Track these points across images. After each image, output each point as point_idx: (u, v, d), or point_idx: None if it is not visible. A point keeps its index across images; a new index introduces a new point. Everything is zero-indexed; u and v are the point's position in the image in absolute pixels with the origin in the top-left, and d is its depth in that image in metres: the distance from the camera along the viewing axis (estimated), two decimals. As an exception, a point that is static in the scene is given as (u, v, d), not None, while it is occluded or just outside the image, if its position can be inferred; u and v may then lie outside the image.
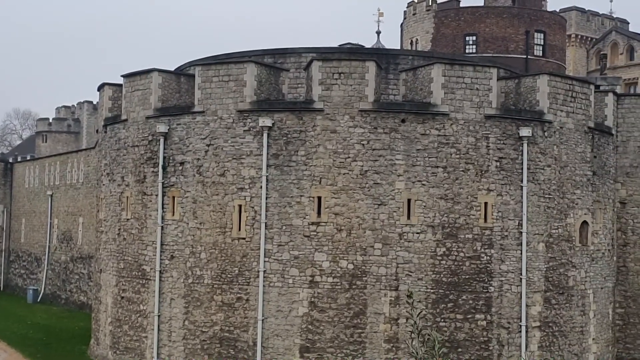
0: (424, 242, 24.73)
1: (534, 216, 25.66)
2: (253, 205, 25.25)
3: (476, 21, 51.06)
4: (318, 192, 24.77)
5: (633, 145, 30.36)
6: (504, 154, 25.43)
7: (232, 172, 25.57)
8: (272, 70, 26.57)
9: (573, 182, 26.78)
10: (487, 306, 24.96)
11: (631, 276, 30.30)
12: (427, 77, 25.31)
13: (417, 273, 24.63)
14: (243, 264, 25.32)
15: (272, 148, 25.15)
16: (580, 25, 67.27)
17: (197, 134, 26.19)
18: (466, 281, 24.87)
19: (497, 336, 25.00)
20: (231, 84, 25.69)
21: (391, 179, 24.75)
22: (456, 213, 24.92)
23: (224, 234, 25.55)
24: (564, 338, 26.18)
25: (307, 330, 24.65)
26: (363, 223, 24.61)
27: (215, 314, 25.56)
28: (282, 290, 24.86)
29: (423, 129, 24.91)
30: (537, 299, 25.62)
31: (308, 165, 24.88)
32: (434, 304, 24.66)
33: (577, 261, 26.79)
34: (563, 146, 26.47)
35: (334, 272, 24.61)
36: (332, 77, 24.84)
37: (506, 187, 25.39)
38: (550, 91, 26.16)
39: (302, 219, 24.80)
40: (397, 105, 25.52)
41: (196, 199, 26.10)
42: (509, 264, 25.30)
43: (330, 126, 24.82)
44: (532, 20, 51.44)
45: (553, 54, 52.23)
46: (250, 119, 25.43)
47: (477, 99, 25.17)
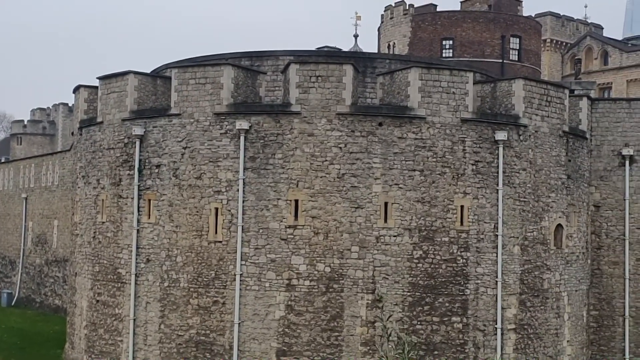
0: (401, 245, 24.81)
1: (509, 219, 25.85)
2: (230, 209, 25.17)
3: (453, 25, 51.42)
4: (295, 195, 24.76)
5: (607, 149, 30.71)
6: (480, 158, 25.60)
7: (209, 175, 25.48)
8: (249, 72, 26.53)
9: (548, 186, 27.01)
10: (463, 309, 25.09)
11: (605, 279, 30.62)
12: (404, 81, 25.42)
13: (393, 276, 24.70)
14: (219, 268, 25.23)
15: (249, 151, 25.11)
16: (555, 30, 67.96)
17: (173, 136, 26.07)
18: (442, 284, 24.98)
19: (473, 339, 25.14)
20: (208, 86, 25.61)
21: (368, 182, 24.81)
22: (433, 216, 25.04)
23: (200, 237, 25.44)
24: (539, 340, 26.38)
25: (284, 333, 24.62)
26: (340, 226, 24.64)
27: (191, 318, 25.43)
28: (259, 294, 24.80)
29: (400, 132, 25.01)
30: (513, 302, 25.81)
31: (285, 168, 24.87)
32: (410, 307, 24.75)
33: (551, 264, 27.03)
34: (538, 150, 26.71)
35: (311, 275, 24.61)
36: (310, 80, 24.86)
37: (482, 191, 25.56)
38: (526, 95, 26.38)
39: (279, 222, 24.78)
40: (375, 109, 25.60)
41: (172, 202, 25.97)
42: (485, 266, 25.46)
43: (308, 129, 24.83)
44: (508, 25, 51.91)
45: (528, 59, 52.74)
46: (227, 122, 25.36)
47: (454, 102, 25.32)
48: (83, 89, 30.41)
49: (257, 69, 27.29)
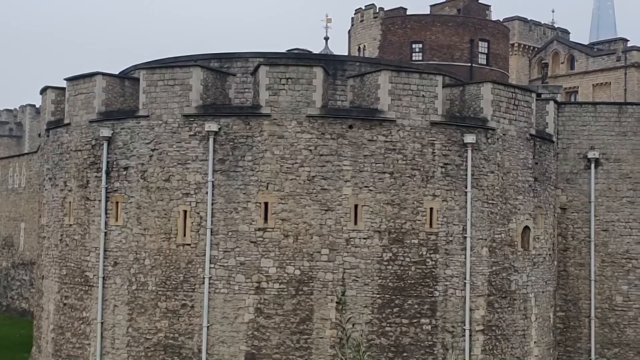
0: (371, 248, 24.88)
1: (477, 221, 26.07)
2: (198, 211, 25.04)
3: (422, 29, 51.76)
4: (265, 197, 24.70)
5: (573, 152, 31.13)
6: (449, 160, 25.78)
7: (177, 178, 25.32)
8: (219, 74, 26.44)
9: (515, 188, 27.29)
10: (432, 310, 25.23)
11: (571, 280, 31.02)
12: (374, 84, 25.52)
13: (363, 278, 24.76)
14: (188, 271, 25.08)
15: (218, 153, 25.00)
16: (523, 35, 68.73)
17: (141, 138, 25.87)
18: (412, 286, 25.10)
19: (441, 340, 25.29)
20: (177, 88, 25.47)
21: (338, 185, 24.85)
22: (402, 218, 25.16)
23: (169, 240, 25.27)
24: (506, 341, 26.63)
25: (253, 336, 24.54)
26: (310, 229, 24.64)
27: (159, 321, 25.24)
28: (228, 297, 24.70)
29: (370, 135, 25.09)
30: (481, 303, 26.02)
31: (255, 170, 24.81)
32: (379, 309, 24.82)
33: (519, 265, 27.30)
34: (506, 153, 26.97)
35: (281, 278, 24.57)
36: (280, 83, 24.84)
37: (451, 193, 25.74)
38: (494, 99, 26.63)
39: (249, 225, 24.70)
40: (345, 111, 25.65)
41: (140, 204, 25.76)
42: (454, 268, 25.63)
43: (278, 131, 24.80)
44: (476, 29, 52.38)
45: (497, 63, 53.26)
46: (196, 124, 25.24)
47: (423, 105, 25.48)
48: (50, 90, 30.06)
49: (226, 71, 27.19)
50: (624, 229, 31.01)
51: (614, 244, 31.01)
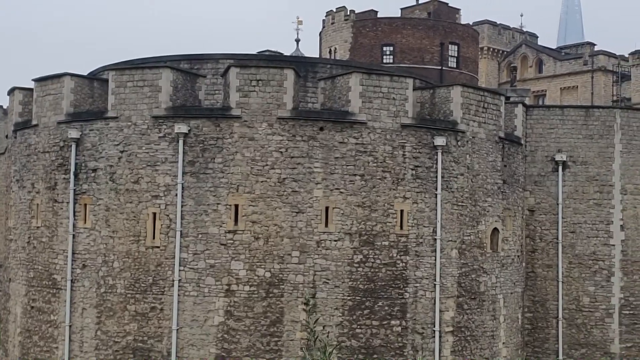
0: (342, 250, 24.92)
1: (447, 223, 26.24)
2: (168, 213, 24.88)
3: (393, 32, 52.01)
4: (235, 200, 24.62)
5: (541, 155, 31.49)
6: (419, 163, 25.92)
7: (147, 180, 25.13)
8: (189, 76, 26.30)
9: (484, 190, 27.53)
10: (402, 312, 25.34)
11: (539, 281, 31.36)
12: (345, 86, 25.58)
13: (334, 280, 24.79)
14: (157, 273, 24.90)
15: (188, 155, 24.87)
16: (492, 39, 69.40)
17: (110, 140, 25.64)
18: (382, 288, 25.19)
19: (411, 342, 25.41)
20: (146, 89, 25.28)
21: (309, 187, 24.85)
22: (373, 220, 25.24)
23: (138, 243, 25.06)
24: (475, 342, 26.84)
25: (223, 339, 24.43)
26: (281, 231, 24.61)
27: (128, 324, 25.03)
28: (198, 300, 24.57)
29: (341, 137, 25.13)
30: (450, 305, 26.19)
31: (225, 172, 24.71)
32: (350, 311, 24.86)
33: (488, 267, 27.54)
34: (475, 155, 27.20)
35: (251, 280, 24.50)
36: (250, 84, 24.78)
37: (421, 195, 25.88)
38: (464, 102, 26.84)
39: (219, 227, 24.60)
40: (316, 114, 25.67)
41: (109, 206, 25.52)
42: (424, 270, 25.78)
43: (248, 133, 24.74)
44: (446, 33, 52.77)
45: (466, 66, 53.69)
46: (166, 125, 25.08)
47: (394, 108, 25.59)
48: (18, 91, 29.68)
49: (196, 72, 27.07)
50: (591, 230, 31.44)
51: (581, 246, 31.41)
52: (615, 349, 31.29)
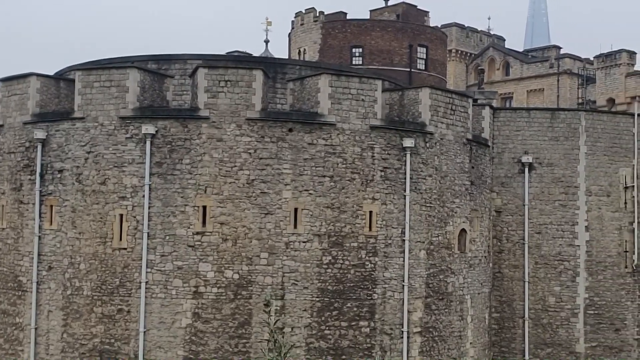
0: (310, 251, 24.92)
1: (416, 224, 26.39)
2: (135, 215, 24.68)
3: (362, 34, 52.14)
4: (203, 201, 24.50)
5: (507, 156, 31.84)
6: (388, 164, 26.03)
7: (113, 181, 24.90)
8: (156, 76, 26.12)
9: (452, 192, 27.73)
10: (370, 313, 25.42)
11: (506, 282, 31.69)
12: (314, 87, 25.59)
13: (303, 282, 24.78)
14: (124, 275, 24.69)
15: (156, 156, 24.69)
16: (460, 41, 69.94)
17: (76, 140, 25.37)
18: (351, 289, 25.24)
19: (380, 342, 25.50)
20: (113, 89, 25.06)
21: (278, 188, 24.82)
22: (342, 222, 25.28)
23: (105, 244, 24.82)
24: (443, 343, 27.02)
25: (191, 341, 24.29)
26: (249, 232, 24.54)
27: (95, 326, 24.77)
28: (165, 302, 24.39)
29: (310, 138, 25.14)
30: (418, 305, 26.34)
31: (193, 174, 24.58)
32: (319, 313, 24.88)
33: (455, 267, 27.75)
34: (443, 157, 27.39)
35: (219, 282, 24.40)
36: (219, 85, 24.68)
37: (390, 196, 25.99)
38: (432, 104, 27.02)
39: (187, 229, 24.46)
40: (285, 115, 25.65)
41: (75, 208, 25.24)
42: (392, 271, 25.89)
43: (217, 134, 24.64)
44: (415, 35, 53.04)
45: (435, 68, 54.03)
46: (133, 126, 24.87)
47: (363, 109, 25.67)
48: (-18, 90, 29.17)
49: (164, 73, 26.91)
50: (556, 231, 31.86)
51: (547, 246, 31.82)
52: (581, 348, 31.74)
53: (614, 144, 32.83)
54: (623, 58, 58.36)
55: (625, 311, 32.51)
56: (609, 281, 32.32)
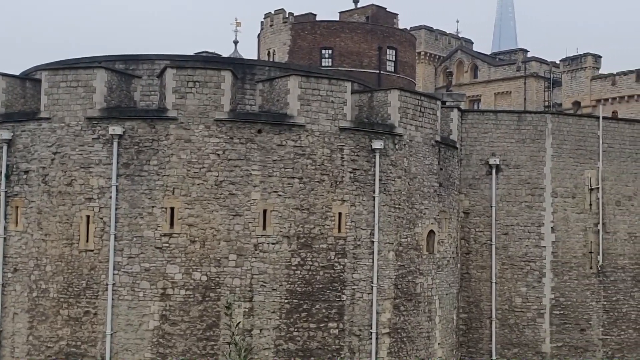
0: (279, 253, 24.88)
1: (385, 226, 26.49)
2: (102, 216, 24.43)
3: (332, 35, 52.22)
4: (171, 202, 24.33)
5: (475, 158, 32.12)
6: (357, 166, 26.09)
7: (80, 182, 24.63)
8: (124, 76, 25.90)
9: (421, 193, 27.89)
10: (339, 314, 25.45)
11: (473, 283, 31.95)
12: (283, 89, 25.57)
13: (271, 284, 24.73)
14: (91, 277, 24.44)
15: (123, 157, 24.47)
16: (429, 44, 70.41)
17: (43, 141, 25.05)
18: (320, 290, 25.25)
19: (348, 344, 25.54)
20: (80, 89, 24.79)
21: (247, 190, 24.75)
22: (311, 223, 25.28)
23: (71, 246, 24.53)
24: (411, 343, 27.15)
25: (158, 343, 24.11)
26: (217, 234, 24.43)
27: (61, 329, 24.48)
28: (132, 304, 24.18)
29: (279, 139, 25.11)
30: (387, 306, 26.43)
31: (161, 175, 24.40)
32: (287, 314, 24.84)
33: (424, 269, 27.91)
34: (412, 158, 27.53)
35: (187, 284, 24.25)
36: (187, 86, 24.54)
37: (359, 198, 26.05)
38: (401, 106, 27.15)
39: (154, 231, 24.27)
40: (254, 116, 25.58)
41: (41, 209, 24.92)
42: (361, 272, 25.95)
43: (185, 135, 24.49)
44: (384, 37, 53.26)
45: (404, 70, 54.30)
46: (100, 127, 24.63)
47: (332, 111, 25.70)
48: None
49: (132, 73, 26.69)
50: (523, 232, 32.21)
51: (514, 247, 32.15)
52: (546, 348, 32.12)
53: (579, 146, 33.29)
54: (588, 61, 59.25)
55: (590, 311, 32.97)
56: (575, 282, 32.75)
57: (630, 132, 34.54)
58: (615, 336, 33.28)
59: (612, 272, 33.53)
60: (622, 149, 34.11)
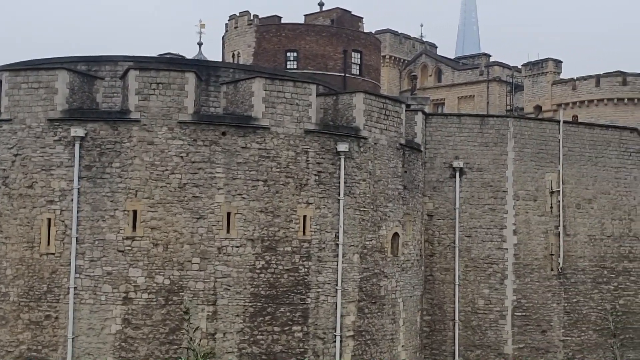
0: (243, 256, 24.78)
1: (349, 228, 26.54)
2: (63, 219, 24.10)
3: (297, 38, 52.24)
4: (133, 205, 24.09)
5: (439, 161, 32.38)
6: (322, 168, 26.12)
7: (41, 184, 24.27)
8: (86, 78, 25.60)
9: (386, 196, 28.01)
10: (304, 317, 25.43)
11: (437, 285, 32.18)
12: (248, 91, 25.50)
13: (235, 287, 24.61)
14: (52, 281, 24.08)
15: (85, 159, 24.17)
16: (393, 47, 70.84)
17: (3, 143, 24.63)
18: (284, 293, 25.20)
19: (312, 347, 25.53)
20: (41, 91, 24.44)
21: (211, 192, 24.60)
22: (276, 226, 25.23)
23: (32, 249, 24.15)
24: (375, 346, 27.24)
25: (120, 347, 23.84)
26: (181, 237, 24.25)
27: (21, 333, 24.07)
28: (94, 308, 23.88)
29: (244, 142, 25.02)
30: (352, 309, 26.48)
31: (123, 177, 24.14)
32: (251, 318, 24.74)
33: (388, 271, 28.02)
34: (377, 161, 27.64)
35: (150, 288, 24.02)
36: (150, 87, 24.33)
37: (324, 201, 26.07)
38: (366, 109, 27.25)
39: (116, 234, 24.00)
40: (218, 118, 25.46)
41: (1, 212, 24.49)
42: (326, 275, 25.96)
43: (148, 137, 24.27)
44: (349, 40, 53.45)
45: (369, 73, 54.55)
46: (62, 129, 24.30)
47: (297, 114, 25.70)
48: None
49: (94, 74, 26.40)
50: (486, 235, 32.55)
51: (477, 250, 32.48)
52: (509, 349, 32.48)
53: (540, 150, 33.75)
54: (549, 66, 60.16)
55: (551, 313, 33.43)
56: (536, 284, 33.18)
57: (590, 136, 35.14)
58: (575, 337, 33.79)
59: (573, 274, 34.05)
60: (582, 152, 34.68)
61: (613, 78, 57.06)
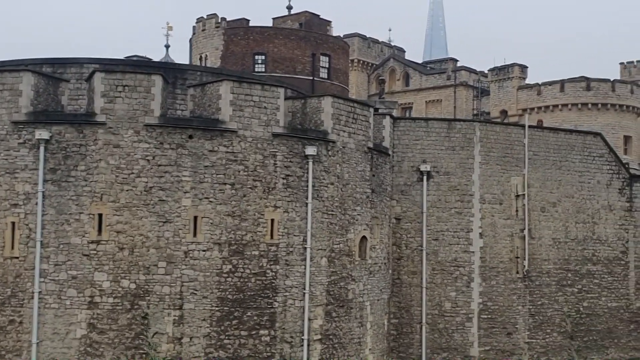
0: (210, 260, 24.64)
1: (317, 232, 26.55)
2: (27, 223, 23.76)
3: (265, 41, 52.14)
4: (99, 209, 23.83)
5: (407, 165, 32.55)
6: (290, 172, 26.09)
7: (5, 188, 23.90)
8: (51, 80, 25.29)
9: (354, 199, 28.08)
10: (271, 321, 25.36)
11: (404, 288, 32.33)
12: (215, 94, 25.38)
13: (202, 291, 24.46)
14: (16, 285, 23.73)
15: (50, 162, 23.86)
16: (362, 51, 71.08)
17: (-35, 145, 24.17)
18: (251, 297, 25.11)
19: (280, 351, 25.46)
20: (5, 93, 24.09)
21: (177, 196, 24.44)
22: (243, 230, 25.14)
23: (-6, 254, 23.73)
24: (343, 349, 27.25)
25: (86, 352, 23.56)
26: (147, 241, 24.04)
27: (-17, 340, 23.63)
28: (59, 312, 23.57)
29: (211, 145, 24.90)
30: (319, 313, 26.47)
31: (88, 180, 23.88)
32: (218, 322, 24.61)
33: (356, 274, 28.07)
34: (345, 165, 27.70)
35: (115, 292, 23.77)
36: (116, 90, 24.11)
37: (292, 204, 26.04)
38: (334, 112, 27.30)
39: (81, 237, 23.73)
40: (185, 121, 25.31)
41: (-37, 215, 24.03)
42: (294, 279, 25.92)
43: (113, 140, 24.03)
44: (318, 44, 53.50)
45: (337, 77, 54.65)
46: (26, 131, 23.97)
47: (265, 117, 25.64)
48: None
49: (59, 77, 26.10)
50: (452, 238, 32.79)
51: (444, 253, 32.70)
52: (475, 352, 32.74)
53: (506, 154, 34.11)
54: (515, 72, 60.85)
55: (517, 315, 33.78)
56: (502, 286, 33.50)
57: (554, 140, 35.60)
58: (540, 340, 34.17)
59: (537, 276, 34.45)
60: (546, 156, 35.13)
61: (577, 83, 57.91)
